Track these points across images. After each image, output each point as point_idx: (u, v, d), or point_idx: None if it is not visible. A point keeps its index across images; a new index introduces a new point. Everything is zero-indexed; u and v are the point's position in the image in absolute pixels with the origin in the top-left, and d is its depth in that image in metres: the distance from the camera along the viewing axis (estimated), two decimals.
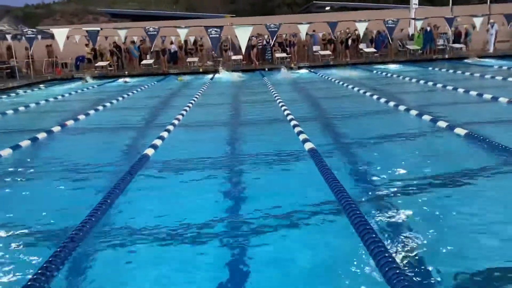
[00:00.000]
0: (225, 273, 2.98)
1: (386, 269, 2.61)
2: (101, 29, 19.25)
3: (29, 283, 2.67)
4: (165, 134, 7.02)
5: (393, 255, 2.84)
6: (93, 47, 20.82)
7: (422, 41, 21.79)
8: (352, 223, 3.31)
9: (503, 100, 8.64)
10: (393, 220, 3.62)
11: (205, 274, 3.00)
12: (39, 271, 2.79)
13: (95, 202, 3.98)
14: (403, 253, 3.03)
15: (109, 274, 3.10)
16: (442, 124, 6.75)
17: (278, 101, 10.07)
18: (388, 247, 2.98)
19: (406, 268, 2.81)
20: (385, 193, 4.22)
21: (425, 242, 3.19)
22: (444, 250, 3.09)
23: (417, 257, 2.99)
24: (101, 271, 3.13)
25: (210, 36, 17.99)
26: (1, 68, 19.49)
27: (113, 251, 3.38)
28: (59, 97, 13.55)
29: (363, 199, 4.07)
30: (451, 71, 15.84)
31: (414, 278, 2.71)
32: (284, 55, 21.62)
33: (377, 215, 3.68)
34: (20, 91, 15.94)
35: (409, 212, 3.74)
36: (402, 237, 3.28)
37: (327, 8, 39.04)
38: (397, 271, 2.55)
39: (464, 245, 3.18)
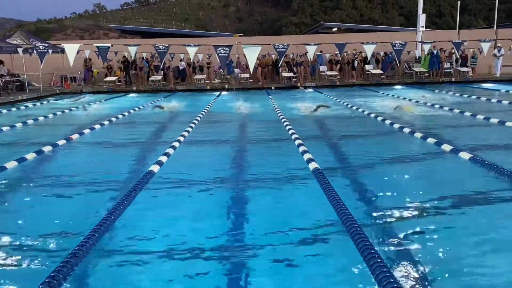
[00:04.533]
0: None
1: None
2: (112, 45, 19.46)
3: None
4: (170, 150, 7.04)
5: (395, 274, 2.81)
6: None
7: (428, 64, 21.89)
8: (355, 242, 3.29)
9: (510, 124, 8.60)
10: (395, 241, 3.59)
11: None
12: (41, 286, 2.78)
13: (99, 217, 3.99)
14: (404, 273, 3.01)
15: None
16: (446, 147, 6.73)
17: (282, 120, 10.10)
18: (389, 266, 2.95)
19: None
20: (387, 213, 4.20)
21: (425, 262, 3.16)
22: (445, 272, 3.06)
23: (415, 276, 2.96)
24: (103, 285, 3.13)
25: (219, 55, 18.14)
26: (11, 81, 19.75)
27: (116, 266, 3.38)
28: (66, 110, 13.67)
29: (366, 219, 4.04)
30: (457, 94, 15.84)
31: None
32: (291, 74, 21.79)
33: (379, 235, 3.66)
34: (29, 104, 16.12)
35: (411, 234, 3.72)
36: (403, 257, 3.26)
37: (334, 29, 39.47)
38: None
39: (465, 266, 3.15)
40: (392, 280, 2.71)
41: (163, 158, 6.45)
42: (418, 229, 3.90)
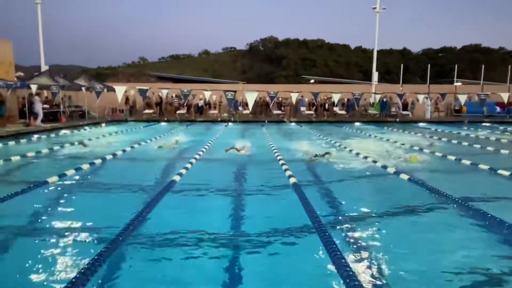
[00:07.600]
0: (223, 271, 2.96)
1: (347, 280, 2.55)
2: (149, 88, 19.64)
3: (77, 275, 2.58)
4: (189, 165, 7.02)
5: (352, 267, 2.77)
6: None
7: (379, 108, 22.15)
8: (322, 240, 3.26)
9: (438, 154, 8.64)
10: (352, 239, 3.57)
11: (208, 271, 2.94)
12: (82, 270, 2.69)
13: (133, 214, 3.95)
14: (359, 263, 2.98)
15: (139, 272, 3.04)
16: (390, 170, 6.73)
17: (271, 146, 10.11)
18: (348, 260, 2.91)
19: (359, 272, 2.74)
20: (346, 219, 4.18)
21: (374, 253, 3.13)
22: (389, 261, 3.02)
23: (367, 264, 2.93)
24: (134, 270, 3.07)
25: (227, 97, 18.34)
26: (75, 111, 19.88)
27: (145, 254, 3.32)
28: (113, 133, 13.66)
29: (331, 222, 4.01)
30: (400, 130, 15.93)
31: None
32: (280, 112, 22.00)
33: (341, 235, 3.63)
34: (87, 128, 16.11)
35: (364, 232, 3.69)
36: (359, 251, 3.23)
37: (312, 80, 40.04)
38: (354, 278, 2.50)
39: (406, 259, 3.12)
40: (348, 269, 2.67)
41: (183, 171, 6.42)
42: (368, 228, 3.88)
